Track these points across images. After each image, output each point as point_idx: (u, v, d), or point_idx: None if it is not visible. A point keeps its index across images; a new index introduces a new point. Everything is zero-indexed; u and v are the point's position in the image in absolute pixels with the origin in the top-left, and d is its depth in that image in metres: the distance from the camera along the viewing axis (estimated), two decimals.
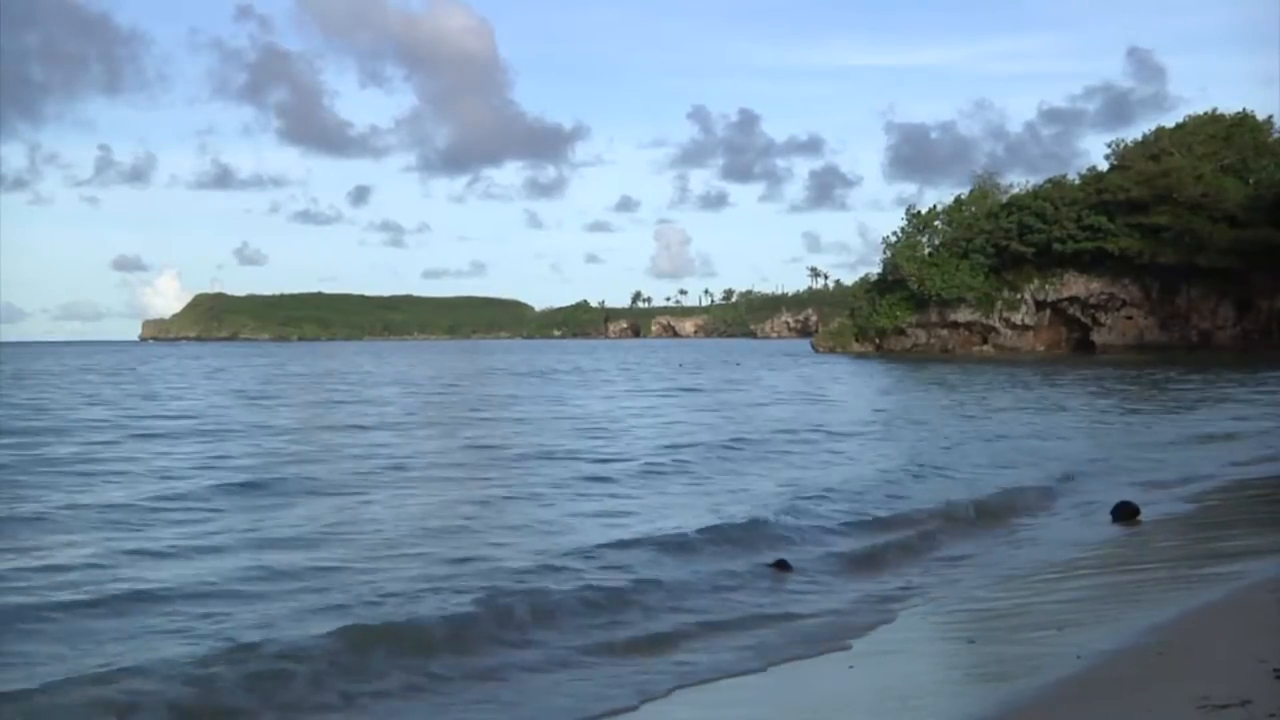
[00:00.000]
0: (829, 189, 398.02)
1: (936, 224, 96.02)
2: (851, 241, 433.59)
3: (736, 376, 56.31)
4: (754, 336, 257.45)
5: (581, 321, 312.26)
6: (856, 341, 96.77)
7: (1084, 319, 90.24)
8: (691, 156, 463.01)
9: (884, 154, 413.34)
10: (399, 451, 20.47)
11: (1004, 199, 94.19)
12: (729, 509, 13.52)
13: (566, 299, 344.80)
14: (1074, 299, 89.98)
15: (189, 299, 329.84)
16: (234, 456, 19.31)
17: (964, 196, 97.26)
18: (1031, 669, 7.03)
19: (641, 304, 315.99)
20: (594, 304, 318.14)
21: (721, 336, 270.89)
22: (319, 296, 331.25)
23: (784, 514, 12.89)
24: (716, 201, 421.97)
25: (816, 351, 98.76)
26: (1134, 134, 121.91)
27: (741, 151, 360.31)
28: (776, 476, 16.97)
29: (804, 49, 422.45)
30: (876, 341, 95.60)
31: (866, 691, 7.16)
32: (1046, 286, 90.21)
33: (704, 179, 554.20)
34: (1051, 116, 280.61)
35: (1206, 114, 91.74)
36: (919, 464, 18.05)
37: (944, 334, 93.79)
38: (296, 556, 10.56)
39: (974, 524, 13.18)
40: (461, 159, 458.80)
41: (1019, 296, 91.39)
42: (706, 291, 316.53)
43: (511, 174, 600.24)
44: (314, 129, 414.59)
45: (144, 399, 37.52)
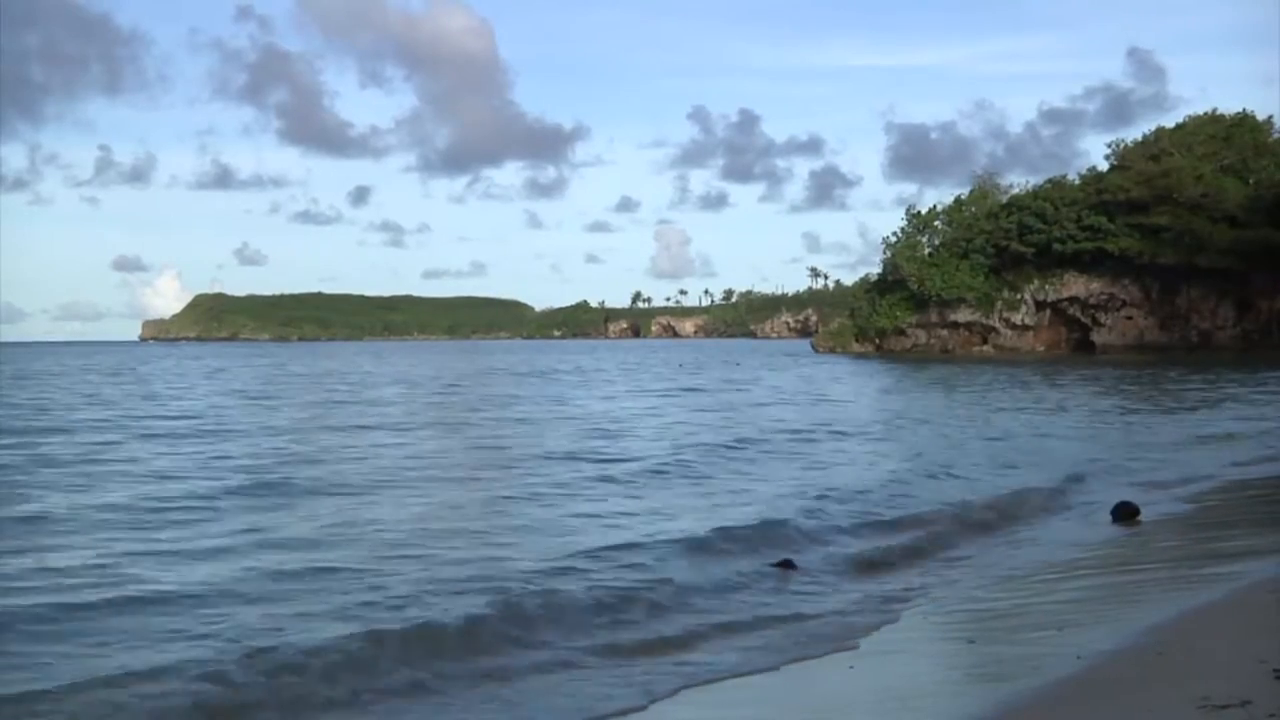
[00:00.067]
0: (829, 189, 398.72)
1: (936, 224, 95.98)
2: (851, 242, 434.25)
3: (737, 376, 56.30)
4: (754, 337, 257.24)
5: (581, 322, 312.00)
6: (856, 342, 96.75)
7: (1084, 319, 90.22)
8: (691, 157, 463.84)
9: (884, 154, 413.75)
10: (402, 452, 20.48)
11: (1004, 199, 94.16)
12: (734, 510, 13.54)
13: (566, 299, 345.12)
14: (1074, 299, 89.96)
15: (189, 299, 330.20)
16: (236, 457, 19.31)
17: (964, 197, 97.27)
18: (1031, 669, 7.05)
19: (641, 304, 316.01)
20: (594, 304, 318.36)
21: (721, 337, 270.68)
22: (319, 297, 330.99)
23: (789, 515, 12.89)
24: (716, 202, 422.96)
25: (816, 352, 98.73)
26: (1134, 134, 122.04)
27: (741, 152, 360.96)
28: (781, 477, 16.99)
29: (804, 49, 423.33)
30: (876, 342, 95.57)
31: (867, 692, 7.19)
32: (1046, 287, 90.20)
33: (704, 179, 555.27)
34: (1051, 117, 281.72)
35: (1206, 114, 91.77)
36: (924, 465, 18.08)
37: (944, 334, 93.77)
38: (303, 558, 10.57)
39: (980, 525, 13.15)
40: (461, 159, 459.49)
41: (1019, 297, 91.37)
42: (706, 292, 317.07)
43: (511, 174, 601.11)
44: (314, 129, 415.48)
45: (145, 400, 37.49)
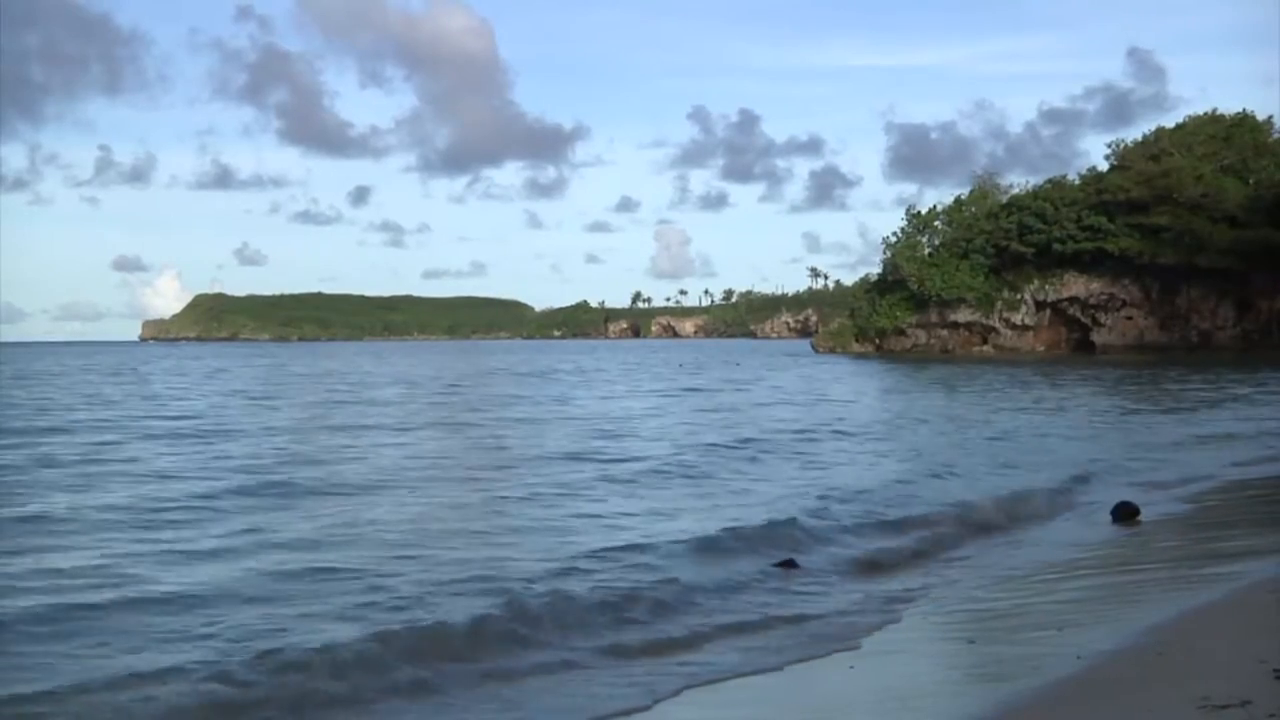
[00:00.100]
0: (829, 189, 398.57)
1: (936, 224, 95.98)
2: (851, 242, 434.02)
3: (738, 377, 56.26)
4: (754, 337, 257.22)
5: (581, 322, 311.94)
6: (856, 342, 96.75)
7: (1084, 319, 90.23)
8: (691, 157, 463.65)
9: (884, 154, 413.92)
10: (404, 452, 20.45)
11: (1004, 199, 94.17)
12: (737, 510, 13.54)
13: (566, 299, 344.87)
14: (1074, 299, 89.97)
15: (189, 299, 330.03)
16: (238, 458, 19.26)
17: (964, 197, 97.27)
18: (1031, 669, 7.06)
19: (641, 304, 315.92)
20: (594, 304, 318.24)
21: (721, 337, 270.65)
22: (319, 297, 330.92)
23: (793, 515, 12.88)
24: (716, 202, 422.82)
25: (816, 352, 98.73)
26: (1134, 134, 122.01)
27: (741, 152, 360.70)
28: (784, 477, 16.99)
29: (804, 49, 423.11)
30: (876, 342, 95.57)
31: (867, 692, 7.21)
32: (1046, 287, 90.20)
33: (704, 179, 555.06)
34: (1051, 117, 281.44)
35: (1206, 114, 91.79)
36: (926, 465, 18.08)
37: (944, 334, 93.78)
38: (306, 558, 10.55)
39: (982, 526, 13.13)
40: (461, 159, 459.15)
41: (1019, 297, 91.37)
42: (706, 292, 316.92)
43: (511, 174, 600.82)
44: (314, 129, 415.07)
45: (146, 400, 37.46)
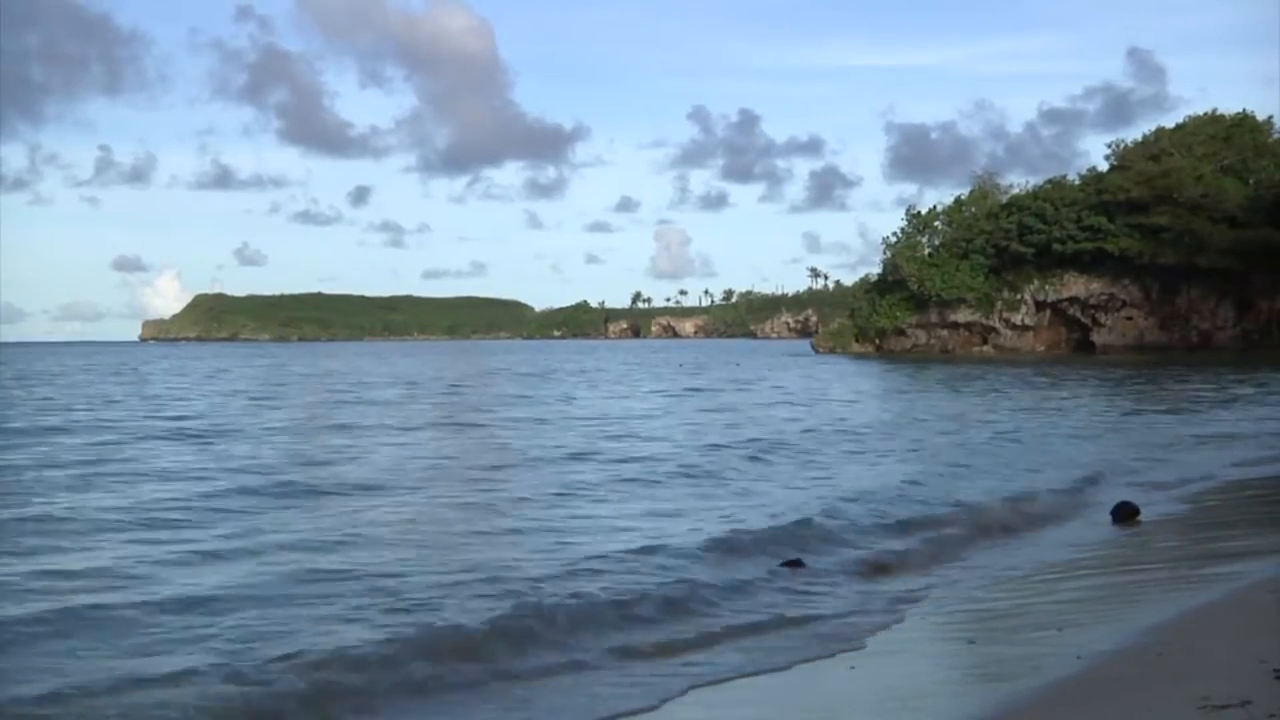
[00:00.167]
0: (829, 189, 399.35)
1: (936, 224, 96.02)
2: (851, 242, 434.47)
3: (740, 377, 56.18)
4: (754, 337, 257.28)
5: (581, 322, 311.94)
6: (856, 342, 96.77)
7: (1084, 319, 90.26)
8: (691, 157, 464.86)
9: (884, 154, 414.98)
10: (410, 453, 20.36)
11: (1004, 199, 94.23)
12: (745, 511, 13.52)
13: (566, 299, 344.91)
14: (1074, 299, 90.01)
15: (189, 299, 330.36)
16: (242, 459, 19.14)
17: (964, 197, 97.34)
18: (1031, 669, 7.05)
19: (641, 304, 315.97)
20: (594, 304, 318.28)
21: (721, 337, 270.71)
22: (319, 297, 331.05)
23: (798, 515, 12.86)
24: (716, 202, 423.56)
25: (816, 352, 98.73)
26: (1134, 134, 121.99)
27: (741, 152, 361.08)
28: (789, 478, 16.95)
29: (804, 49, 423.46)
30: (876, 342, 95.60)
31: (868, 692, 7.19)
32: (1046, 287, 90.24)
33: (704, 179, 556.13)
34: (1051, 117, 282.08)
35: (1206, 114, 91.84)
36: (931, 466, 18.03)
37: (944, 334, 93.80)
38: (315, 560, 10.49)
39: (988, 527, 13.02)
40: (461, 159, 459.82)
41: (1019, 297, 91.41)
42: (706, 292, 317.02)
43: (511, 174, 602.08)
44: (314, 129, 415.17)
45: (147, 400, 37.41)
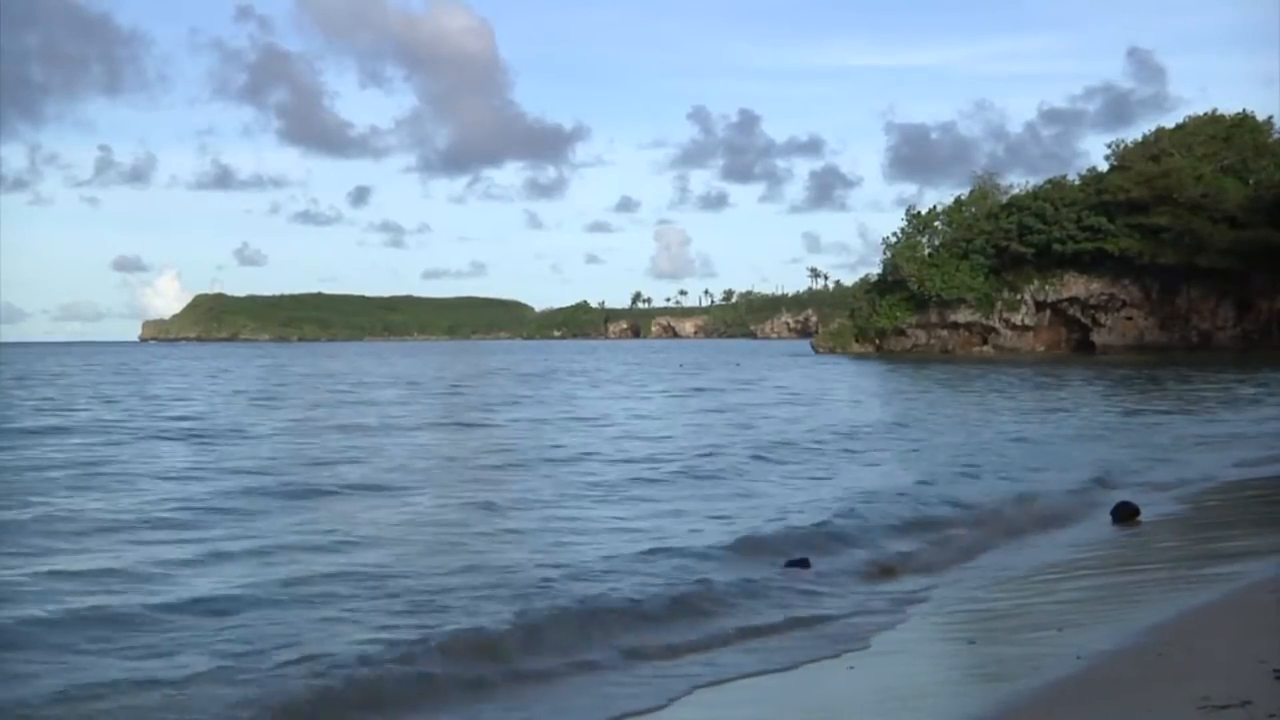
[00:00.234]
0: (829, 189, 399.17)
1: (936, 224, 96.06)
2: (851, 242, 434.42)
3: (743, 377, 56.10)
4: (754, 337, 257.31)
5: (581, 322, 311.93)
6: (856, 342, 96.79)
7: (1084, 319, 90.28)
8: (691, 157, 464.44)
9: (884, 154, 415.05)
10: (413, 454, 20.31)
11: (1004, 199, 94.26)
12: (750, 512, 13.51)
13: (566, 299, 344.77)
14: (1074, 299, 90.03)
15: (189, 299, 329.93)
16: (246, 459, 19.04)
17: (964, 197, 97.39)
18: (1031, 669, 7.04)
19: (641, 304, 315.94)
20: (594, 304, 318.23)
21: (721, 337, 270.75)
22: (319, 297, 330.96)
23: (806, 516, 12.85)
24: (716, 202, 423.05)
25: (816, 352, 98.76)
26: (1134, 134, 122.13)
27: (741, 152, 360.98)
28: (796, 479, 16.93)
29: (804, 49, 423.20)
30: (876, 342, 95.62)
31: (868, 692, 7.19)
32: (1046, 287, 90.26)
33: (704, 179, 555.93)
34: (1051, 117, 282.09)
35: (1206, 114, 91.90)
36: (936, 467, 17.97)
37: (944, 334, 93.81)
38: (323, 561, 10.45)
39: (992, 528, 12.99)
40: (461, 159, 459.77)
41: (1019, 297, 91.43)
42: (706, 292, 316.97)
43: (511, 174, 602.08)
44: (314, 129, 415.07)
45: (148, 400, 37.38)
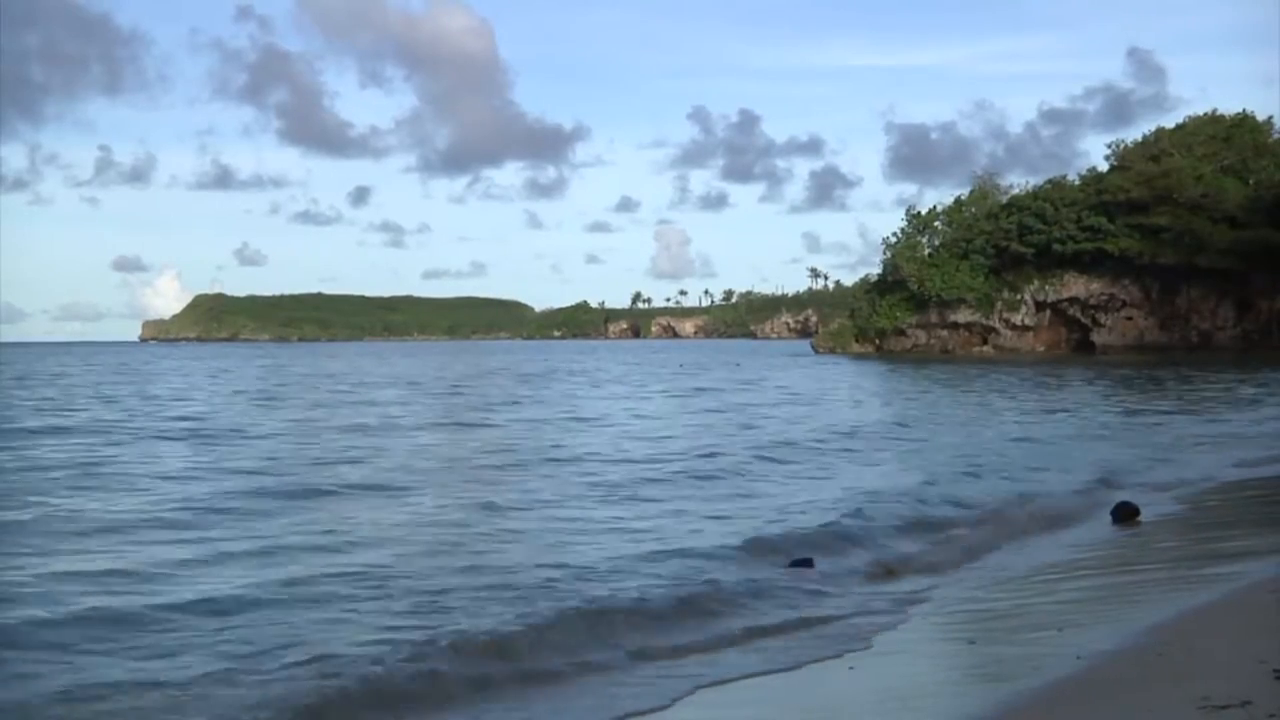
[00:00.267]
0: (829, 189, 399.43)
1: (936, 225, 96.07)
2: (851, 242, 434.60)
3: (744, 377, 56.07)
4: (754, 337, 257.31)
5: (581, 322, 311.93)
6: (856, 342, 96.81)
7: (1084, 320, 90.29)
8: (692, 157, 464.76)
9: (884, 154, 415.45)
10: (418, 455, 20.24)
11: (1004, 200, 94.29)
12: (755, 512, 13.50)
13: (566, 299, 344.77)
14: (1074, 300, 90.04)
15: (189, 299, 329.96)
16: (252, 459, 18.96)
17: (964, 197, 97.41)
18: (1031, 669, 7.04)
19: (641, 305, 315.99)
20: (594, 305, 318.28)
21: (721, 337, 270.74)
22: (319, 297, 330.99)
23: (810, 516, 12.83)
24: (716, 202, 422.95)
25: (816, 352, 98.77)
26: (1134, 134, 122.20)
27: (742, 152, 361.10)
28: (800, 480, 16.89)
29: (804, 49, 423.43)
30: (876, 342, 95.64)
31: (869, 692, 7.19)
32: (1046, 287, 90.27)
33: (704, 179, 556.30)
34: (1051, 117, 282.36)
35: (1206, 115, 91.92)
36: (941, 467, 17.90)
37: (944, 335, 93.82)
38: (329, 562, 10.40)
39: (995, 528, 12.94)
40: (462, 159, 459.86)
41: (1019, 297, 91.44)
42: (706, 292, 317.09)
43: (511, 174, 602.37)
44: (314, 129, 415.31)
45: (150, 400, 37.34)
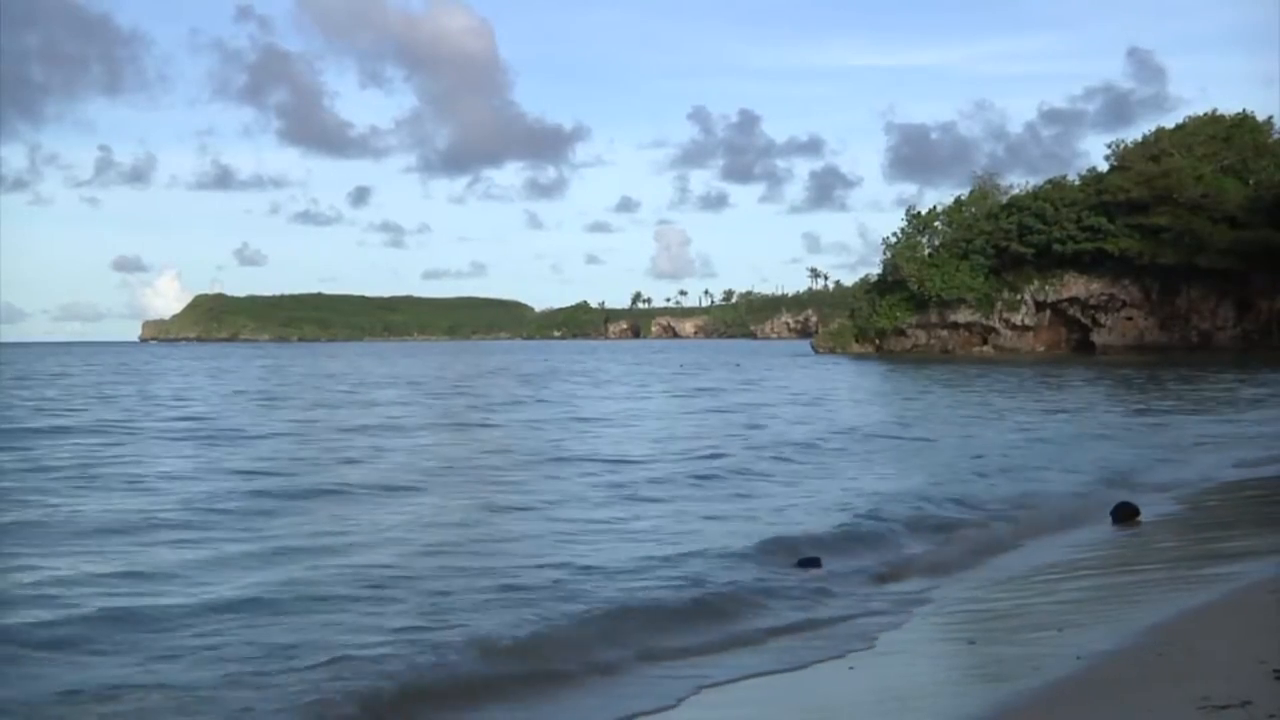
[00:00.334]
0: (829, 190, 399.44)
1: (936, 225, 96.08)
2: (851, 242, 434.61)
3: (745, 378, 56.05)
4: (754, 337, 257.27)
5: (581, 322, 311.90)
6: (856, 342, 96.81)
7: (1084, 320, 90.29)
8: (692, 157, 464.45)
9: (884, 154, 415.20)
10: (423, 455, 20.21)
11: (1004, 200, 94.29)
12: (760, 513, 13.49)
13: (566, 300, 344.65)
14: (1074, 300, 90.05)
15: (189, 300, 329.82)
16: (255, 460, 18.91)
17: (964, 197, 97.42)
18: (1031, 669, 7.04)
19: (641, 305, 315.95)
20: (594, 305, 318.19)
21: (721, 337, 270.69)
22: (319, 297, 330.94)
23: (816, 517, 12.83)
24: (716, 202, 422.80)
25: (816, 352, 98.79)
26: (1134, 135, 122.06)
27: (741, 152, 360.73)
28: (806, 480, 16.86)
29: (804, 49, 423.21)
30: (876, 342, 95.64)
31: (869, 692, 7.19)
32: (1046, 287, 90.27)
33: (704, 180, 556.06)
34: (1051, 117, 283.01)
35: (1206, 115, 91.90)
36: (945, 468, 17.89)
37: (944, 335, 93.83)
38: (334, 563, 10.39)
39: (997, 529, 12.94)
40: (462, 160, 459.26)
41: (1019, 297, 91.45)
42: (706, 292, 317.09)
43: (512, 175, 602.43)
44: (314, 130, 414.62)
45: (151, 401, 37.34)
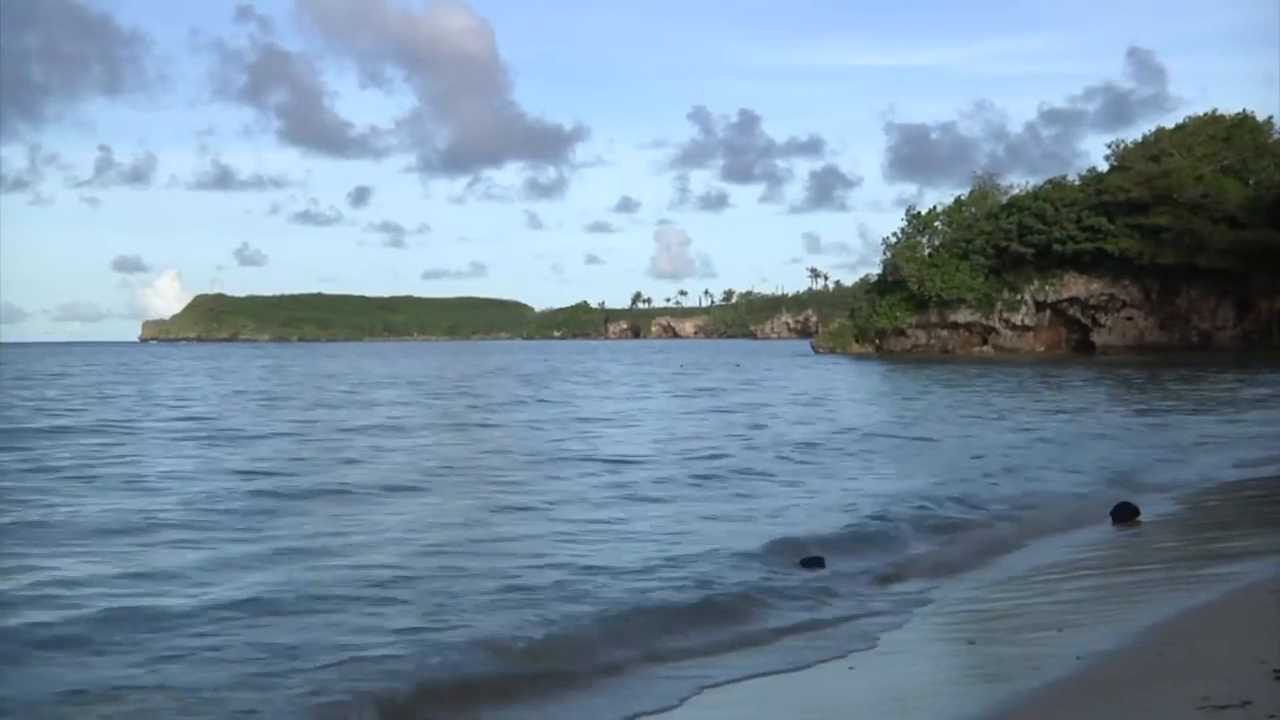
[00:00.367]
0: (829, 190, 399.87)
1: (936, 225, 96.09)
2: (851, 242, 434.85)
3: (745, 377, 56.05)
4: (754, 337, 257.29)
5: (581, 322, 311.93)
6: (856, 342, 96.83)
7: (1084, 320, 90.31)
8: (692, 157, 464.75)
9: (884, 155, 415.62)
10: (425, 455, 20.18)
11: (1004, 200, 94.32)
12: (763, 513, 13.50)
13: (566, 300, 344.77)
14: (1074, 300, 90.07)
15: (189, 300, 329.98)
16: (258, 460, 18.84)
17: (964, 197, 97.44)
18: (1031, 669, 7.04)
19: (641, 305, 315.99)
20: (594, 305, 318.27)
21: (721, 337, 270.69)
22: (319, 297, 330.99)
23: (819, 517, 12.83)
24: (716, 202, 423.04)
25: (816, 352, 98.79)
26: (1134, 135, 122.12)
27: (741, 152, 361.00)
28: (810, 481, 16.85)
29: (804, 49, 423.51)
30: (876, 342, 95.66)
31: (869, 692, 7.19)
32: (1046, 287, 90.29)
33: (704, 180, 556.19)
34: (1052, 117, 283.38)
35: (1206, 115, 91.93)
36: (947, 468, 17.86)
37: (944, 335, 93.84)
38: (336, 565, 10.34)
39: (998, 530, 12.90)
40: (462, 160, 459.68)
41: (1019, 297, 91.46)
42: (706, 292, 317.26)
43: (512, 175, 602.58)
44: (314, 130, 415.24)
45: (151, 401, 37.33)
